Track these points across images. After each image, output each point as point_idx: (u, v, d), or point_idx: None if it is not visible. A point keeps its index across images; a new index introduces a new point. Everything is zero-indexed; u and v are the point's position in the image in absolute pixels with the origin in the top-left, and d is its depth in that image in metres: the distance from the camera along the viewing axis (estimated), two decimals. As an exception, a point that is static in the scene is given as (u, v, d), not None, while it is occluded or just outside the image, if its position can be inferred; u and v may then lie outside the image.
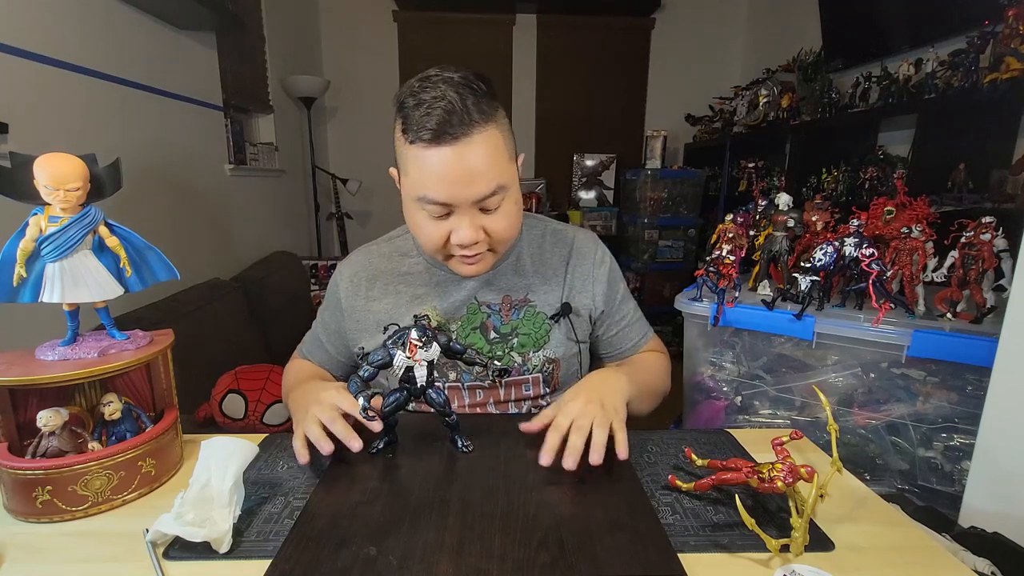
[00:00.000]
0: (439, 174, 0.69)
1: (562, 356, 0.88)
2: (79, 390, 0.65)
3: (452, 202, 0.71)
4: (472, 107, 0.69)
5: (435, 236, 0.75)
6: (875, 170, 2.18)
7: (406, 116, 0.71)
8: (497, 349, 0.86)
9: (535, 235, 0.92)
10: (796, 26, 3.08)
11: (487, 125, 0.70)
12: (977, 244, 0.96)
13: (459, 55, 3.87)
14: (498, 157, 0.72)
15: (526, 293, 0.88)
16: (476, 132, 0.69)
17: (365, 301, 0.89)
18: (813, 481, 0.53)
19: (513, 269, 0.89)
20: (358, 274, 0.90)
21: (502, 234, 0.77)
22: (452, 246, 0.76)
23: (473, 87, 0.70)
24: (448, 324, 0.87)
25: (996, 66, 1.57)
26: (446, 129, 0.68)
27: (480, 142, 0.69)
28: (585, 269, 0.90)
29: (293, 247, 3.01)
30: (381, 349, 0.66)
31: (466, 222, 0.73)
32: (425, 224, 0.75)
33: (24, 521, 0.57)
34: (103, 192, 0.64)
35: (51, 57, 1.41)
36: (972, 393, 0.97)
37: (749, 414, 1.23)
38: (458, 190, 0.70)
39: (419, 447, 0.70)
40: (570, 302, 0.88)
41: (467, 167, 0.69)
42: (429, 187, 0.71)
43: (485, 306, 0.87)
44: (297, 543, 0.51)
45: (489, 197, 0.72)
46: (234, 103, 2.48)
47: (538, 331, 0.87)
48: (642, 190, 3.50)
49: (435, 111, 0.68)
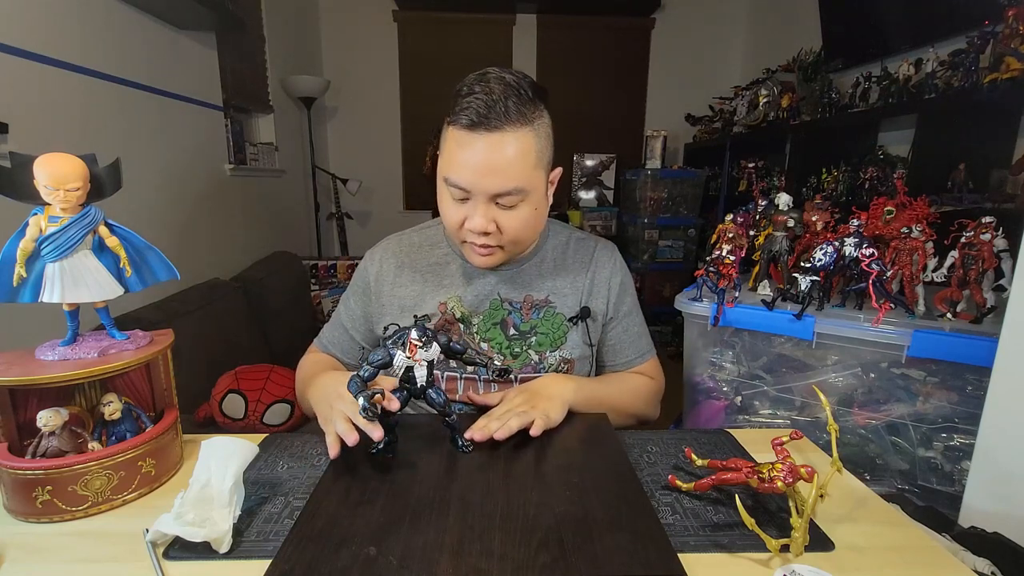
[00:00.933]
0: (464, 159, 0.74)
1: (577, 357, 0.90)
2: (79, 390, 0.65)
3: (470, 188, 0.76)
4: (512, 106, 0.73)
5: (454, 217, 0.80)
6: (875, 170, 2.18)
7: (456, 101, 0.76)
8: (515, 346, 0.88)
9: (560, 240, 0.96)
10: (796, 26, 3.08)
11: (522, 127, 0.74)
12: (977, 244, 0.96)
13: (459, 55, 3.87)
14: (524, 160, 0.75)
15: (547, 294, 0.90)
16: (509, 130, 0.73)
17: (392, 287, 0.91)
18: (813, 481, 0.53)
19: (537, 270, 0.92)
20: (387, 259, 0.93)
21: (511, 233, 0.80)
22: (466, 231, 0.80)
23: (520, 91, 0.74)
24: (471, 317, 0.89)
25: (996, 66, 1.57)
26: (482, 119, 0.72)
27: (510, 141, 0.73)
28: (603, 276, 0.93)
29: (293, 247, 3.01)
30: (381, 349, 0.66)
31: (480, 211, 0.77)
32: (447, 204, 0.80)
33: (24, 521, 0.57)
34: (103, 192, 0.64)
35: (51, 57, 1.41)
36: (972, 393, 0.97)
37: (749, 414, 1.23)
38: (477, 179, 0.74)
39: (419, 447, 0.70)
40: (588, 306, 0.91)
41: (491, 160, 0.73)
42: (454, 169, 0.76)
43: (507, 303, 0.89)
44: (297, 543, 0.51)
45: (505, 195, 0.76)
46: (234, 103, 2.49)
47: (556, 331, 0.89)
48: (642, 190, 3.50)
49: (478, 101, 0.72)
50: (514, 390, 0.81)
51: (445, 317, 0.88)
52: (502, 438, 0.68)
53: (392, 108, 3.98)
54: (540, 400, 0.76)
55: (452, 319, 0.88)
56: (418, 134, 3.94)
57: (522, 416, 0.71)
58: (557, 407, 0.76)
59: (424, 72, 3.91)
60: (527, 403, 0.75)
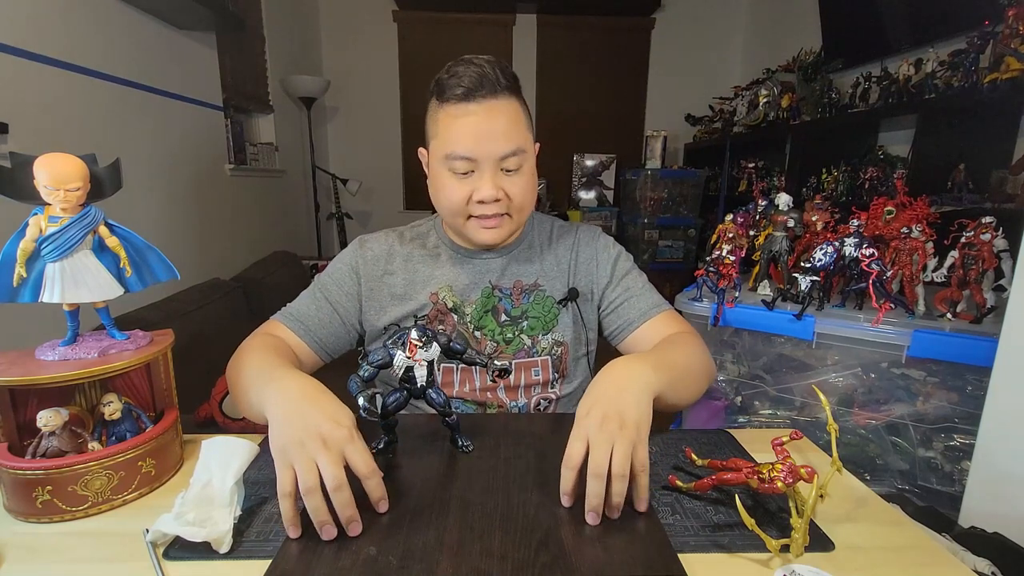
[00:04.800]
0: (466, 129, 0.77)
1: (570, 340, 0.91)
2: (79, 390, 0.64)
3: (477, 156, 0.78)
4: (501, 76, 0.78)
5: (458, 194, 0.80)
6: (875, 170, 2.18)
7: (441, 85, 0.79)
8: (507, 332, 0.89)
9: (545, 227, 0.98)
10: (796, 26, 3.08)
11: (512, 96, 0.80)
12: (977, 244, 0.96)
13: (459, 55, 3.84)
14: (520, 124, 0.81)
15: (536, 278, 0.91)
16: (503, 97, 0.78)
17: (382, 274, 0.91)
18: (813, 481, 0.53)
19: (525, 256, 0.93)
20: (377, 247, 0.92)
21: (519, 198, 0.82)
22: (473, 205, 0.81)
23: (503, 66, 0.80)
24: (463, 306, 0.89)
25: (996, 66, 1.57)
26: (477, 89, 0.76)
27: (504, 107, 0.78)
28: (588, 253, 0.94)
29: (293, 247, 3.01)
30: (381, 349, 0.66)
31: (487, 178, 0.79)
32: (449, 183, 0.81)
33: (24, 521, 0.57)
34: (103, 192, 0.64)
35: (51, 57, 1.41)
36: (972, 393, 0.97)
37: (749, 414, 1.23)
38: (483, 145, 0.77)
39: (419, 447, 0.70)
40: (576, 287, 0.92)
41: (493, 125, 0.77)
42: (457, 141, 0.78)
43: (497, 290, 0.90)
44: (297, 543, 0.51)
45: (511, 156, 0.79)
46: (234, 103, 2.49)
47: (547, 315, 0.90)
48: (642, 190, 3.50)
49: (468, 75, 0.77)
50: (583, 405, 0.60)
51: (437, 307, 0.88)
52: (615, 515, 0.54)
53: (392, 108, 3.98)
54: (628, 410, 0.58)
55: (444, 309, 0.88)
56: (418, 134, 3.92)
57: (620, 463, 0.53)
58: (646, 417, 0.59)
59: (424, 72, 3.90)
60: (610, 423, 0.56)
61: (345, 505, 0.50)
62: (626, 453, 0.53)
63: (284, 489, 0.50)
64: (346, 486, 0.50)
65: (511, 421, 0.80)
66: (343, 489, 0.50)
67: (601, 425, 0.55)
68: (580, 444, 0.55)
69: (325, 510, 0.50)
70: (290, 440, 0.53)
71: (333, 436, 0.53)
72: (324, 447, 0.51)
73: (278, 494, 0.51)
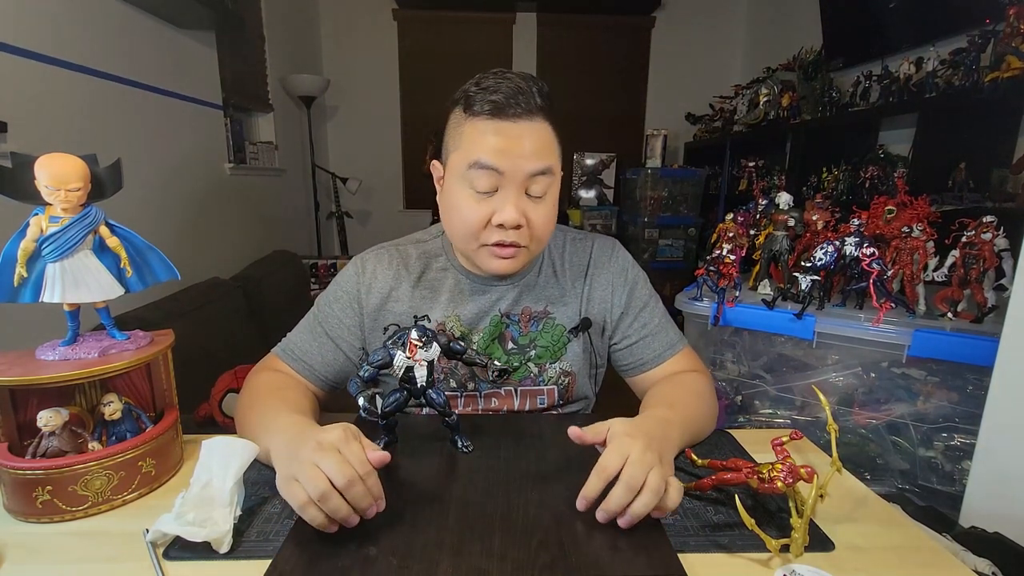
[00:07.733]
0: (496, 142, 0.72)
1: (578, 370, 0.87)
2: (79, 390, 0.64)
3: (504, 169, 0.72)
4: (536, 95, 0.73)
5: (476, 215, 0.74)
6: (876, 169, 2.18)
7: (469, 97, 0.73)
8: (514, 360, 0.85)
9: (557, 244, 0.92)
10: (796, 25, 3.08)
11: (547, 117, 0.74)
12: (978, 243, 0.96)
13: (459, 54, 3.87)
14: (552, 146, 0.76)
15: (546, 305, 0.87)
16: (537, 117, 0.73)
17: (385, 302, 0.85)
18: (813, 481, 0.53)
19: (535, 281, 0.88)
20: (380, 273, 0.86)
21: (540, 228, 0.76)
22: (491, 230, 0.75)
23: (539, 84, 0.75)
24: (470, 335, 0.85)
25: (997, 65, 1.57)
26: (511, 105, 0.71)
27: (539, 127, 0.73)
28: (603, 280, 0.89)
29: (293, 246, 3.01)
30: (381, 349, 0.66)
31: (511, 200, 0.73)
32: (467, 202, 0.74)
33: (24, 521, 0.57)
34: (104, 192, 0.63)
35: (51, 57, 1.41)
36: (972, 393, 0.97)
37: (749, 414, 1.23)
38: (512, 160, 0.72)
39: (419, 447, 0.70)
40: (588, 316, 0.87)
41: (524, 142, 0.72)
42: (485, 152, 0.72)
43: (506, 317, 0.86)
44: (297, 543, 0.51)
45: (539, 175, 0.74)
46: (234, 102, 2.48)
47: (556, 343, 0.86)
48: (642, 189, 3.50)
49: (502, 90, 0.71)
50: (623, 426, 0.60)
51: (446, 335, 0.86)
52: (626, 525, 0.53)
53: (392, 107, 3.98)
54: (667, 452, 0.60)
55: (452, 337, 0.83)
56: (418, 133, 3.94)
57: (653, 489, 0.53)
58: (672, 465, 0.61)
59: (424, 71, 3.91)
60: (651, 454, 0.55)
61: (361, 498, 0.51)
62: (663, 479, 0.54)
63: (300, 501, 0.50)
64: (357, 480, 0.50)
65: (511, 421, 0.80)
66: (355, 484, 0.50)
67: (645, 449, 0.55)
68: (618, 458, 0.55)
69: (346, 507, 0.50)
70: (291, 463, 0.53)
71: (327, 439, 0.53)
72: (321, 450, 0.52)
73: (297, 509, 0.51)
